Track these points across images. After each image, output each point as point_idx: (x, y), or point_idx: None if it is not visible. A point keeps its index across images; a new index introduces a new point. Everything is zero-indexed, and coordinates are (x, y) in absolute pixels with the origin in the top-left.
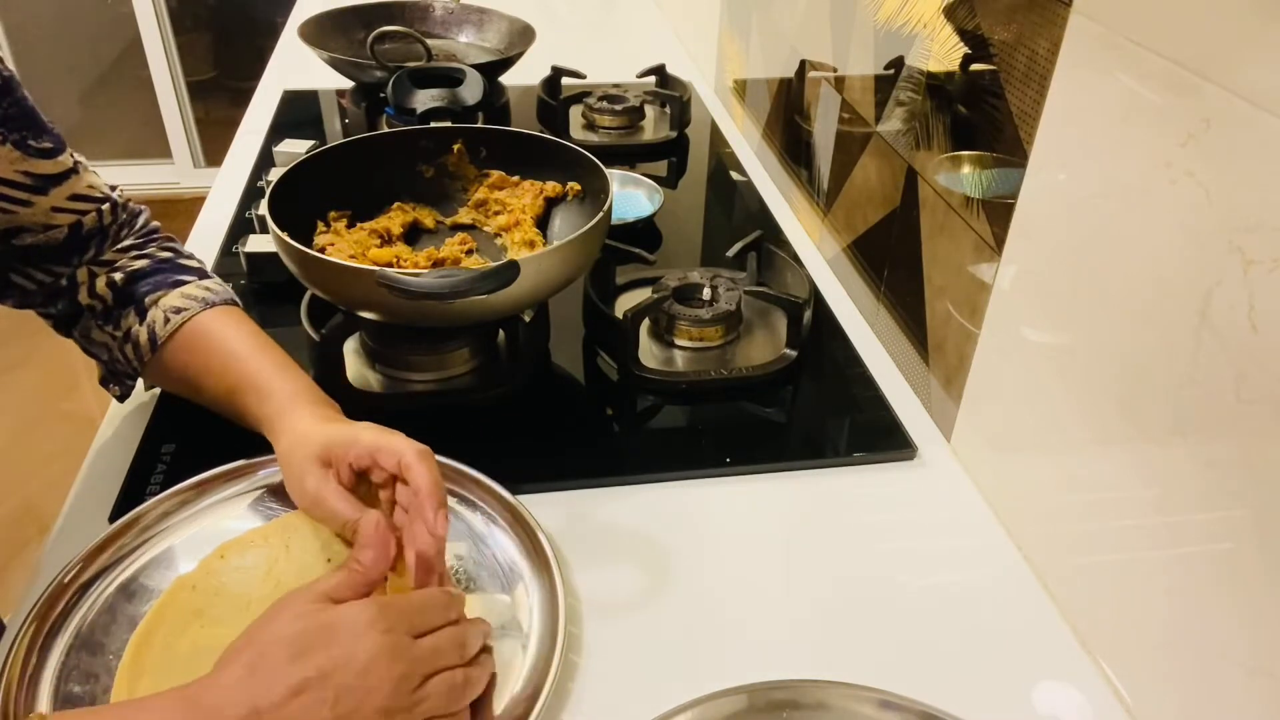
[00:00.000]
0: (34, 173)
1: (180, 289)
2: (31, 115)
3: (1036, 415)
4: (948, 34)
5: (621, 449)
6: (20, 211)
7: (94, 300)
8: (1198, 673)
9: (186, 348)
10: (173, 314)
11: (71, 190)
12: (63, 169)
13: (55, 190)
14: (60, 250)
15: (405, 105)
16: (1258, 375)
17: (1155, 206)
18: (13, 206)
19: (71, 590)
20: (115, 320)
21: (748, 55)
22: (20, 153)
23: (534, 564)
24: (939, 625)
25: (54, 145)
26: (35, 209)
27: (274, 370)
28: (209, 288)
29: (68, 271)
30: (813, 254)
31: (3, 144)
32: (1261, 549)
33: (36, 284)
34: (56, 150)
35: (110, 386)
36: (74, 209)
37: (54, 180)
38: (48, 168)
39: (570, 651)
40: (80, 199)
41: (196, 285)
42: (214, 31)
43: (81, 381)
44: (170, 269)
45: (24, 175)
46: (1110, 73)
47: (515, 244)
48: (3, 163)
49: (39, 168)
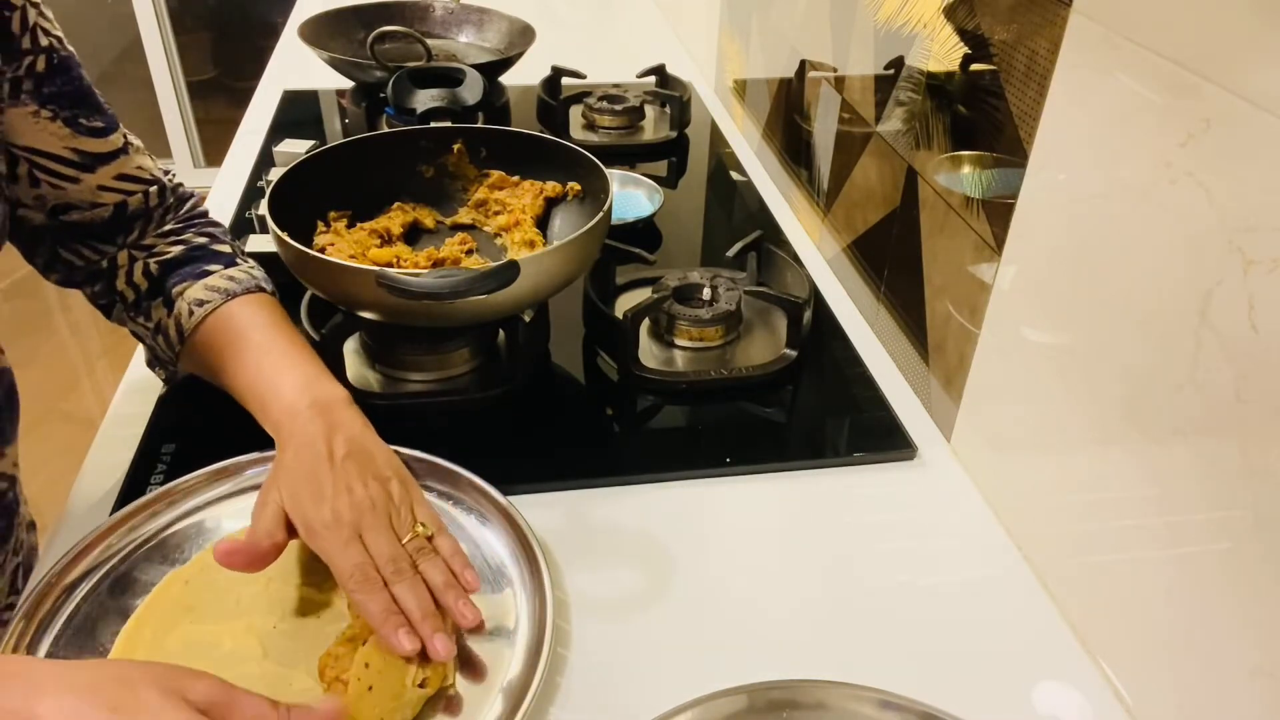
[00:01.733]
0: (83, 150)
1: (205, 280)
2: (87, 94)
3: (1036, 415)
4: (948, 34)
5: (621, 449)
6: (68, 188)
7: (129, 288)
8: (1198, 673)
9: (207, 342)
10: (196, 307)
11: (120, 170)
12: (112, 148)
13: (103, 169)
14: (105, 229)
15: (405, 105)
16: (1258, 375)
17: (1155, 206)
18: (62, 183)
19: (60, 586)
20: (146, 311)
21: (748, 55)
22: (71, 130)
23: (525, 565)
24: (939, 625)
25: (105, 125)
26: (82, 186)
27: (275, 374)
28: (233, 277)
29: (111, 252)
30: (813, 254)
31: (54, 120)
32: (1261, 549)
33: (84, 260)
34: (108, 130)
35: (156, 370)
36: (120, 189)
37: (102, 159)
38: (97, 146)
39: (566, 650)
40: (128, 179)
41: (220, 275)
42: (214, 31)
43: (81, 381)
44: (201, 257)
45: (73, 152)
46: (1110, 73)
47: (515, 244)
48: (53, 139)
49: (88, 145)
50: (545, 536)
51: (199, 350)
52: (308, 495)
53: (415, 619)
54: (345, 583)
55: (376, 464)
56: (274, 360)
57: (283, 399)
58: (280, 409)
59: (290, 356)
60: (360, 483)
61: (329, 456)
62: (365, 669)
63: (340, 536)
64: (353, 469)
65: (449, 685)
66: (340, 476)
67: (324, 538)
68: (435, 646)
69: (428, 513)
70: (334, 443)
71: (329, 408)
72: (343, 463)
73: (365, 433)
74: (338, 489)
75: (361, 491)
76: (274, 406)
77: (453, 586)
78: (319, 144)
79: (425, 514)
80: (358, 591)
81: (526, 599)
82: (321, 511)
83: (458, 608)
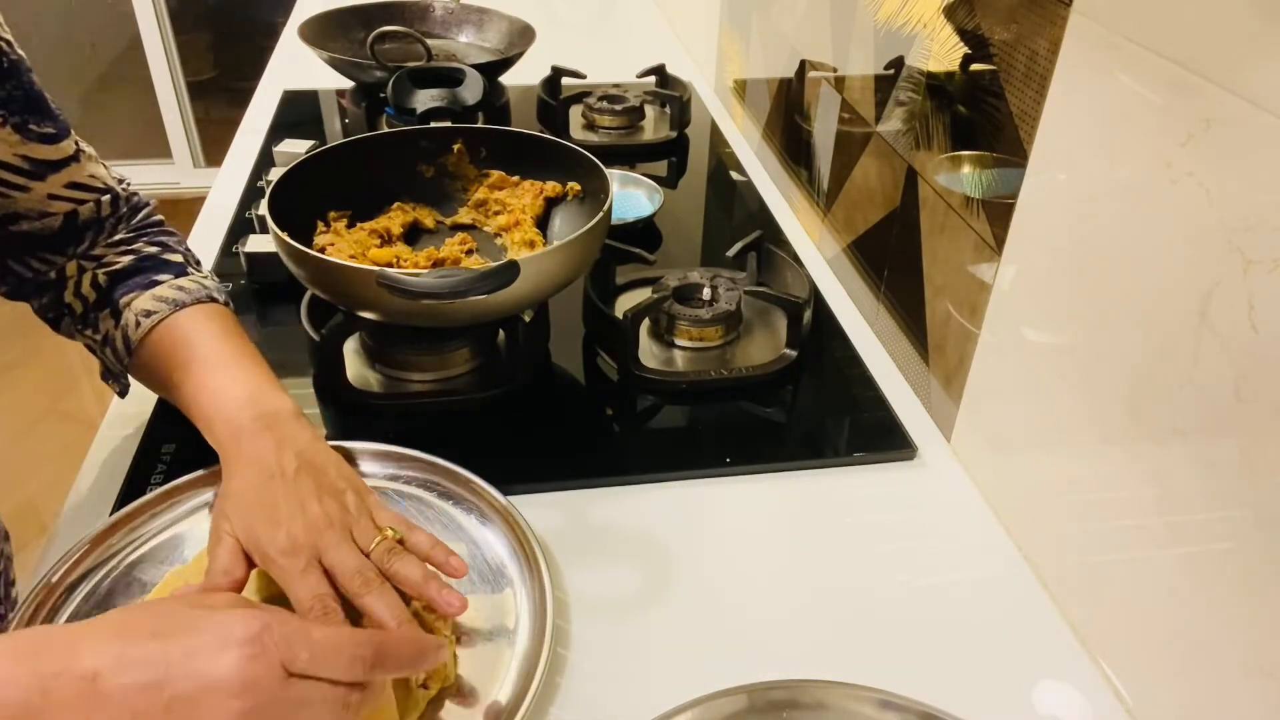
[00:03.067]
0: (33, 157)
1: (153, 290)
2: (38, 100)
3: (1036, 415)
4: (948, 34)
5: (621, 449)
6: (17, 196)
7: (76, 300)
8: (1198, 673)
9: (154, 355)
10: (143, 318)
11: (71, 178)
12: (63, 155)
13: (53, 177)
14: (55, 240)
15: (405, 105)
16: (1258, 375)
17: (1155, 206)
18: (10, 191)
19: (60, 586)
20: (94, 323)
21: (748, 55)
22: (20, 136)
23: (524, 565)
24: (939, 625)
25: (56, 131)
26: (32, 195)
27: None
28: (182, 287)
29: (60, 263)
30: (813, 254)
31: (3, 126)
32: (1261, 549)
33: (32, 272)
34: (59, 136)
35: (109, 382)
36: (71, 197)
37: (53, 166)
38: (47, 153)
39: (566, 650)
40: (79, 187)
41: (169, 286)
42: (214, 31)
43: (81, 382)
44: (151, 267)
45: (22, 159)
46: (1110, 73)
47: (515, 244)
48: (2, 145)
49: (38, 152)
50: (545, 536)
51: (146, 363)
52: (260, 522)
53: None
54: (305, 615)
55: (329, 477)
56: (218, 374)
57: (226, 415)
58: (224, 426)
59: (235, 369)
60: (315, 499)
61: (279, 474)
62: None
63: (298, 565)
64: (306, 485)
65: (450, 685)
66: (292, 495)
67: (281, 566)
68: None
69: (390, 517)
70: (283, 459)
71: (275, 421)
72: (294, 480)
73: (314, 444)
74: (291, 510)
75: (317, 509)
76: (218, 423)
77: (432, 578)
78: (319, 144)
79: (387, 518)
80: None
81: (526, 599)
82: (276, 538)
83: (441, 598)
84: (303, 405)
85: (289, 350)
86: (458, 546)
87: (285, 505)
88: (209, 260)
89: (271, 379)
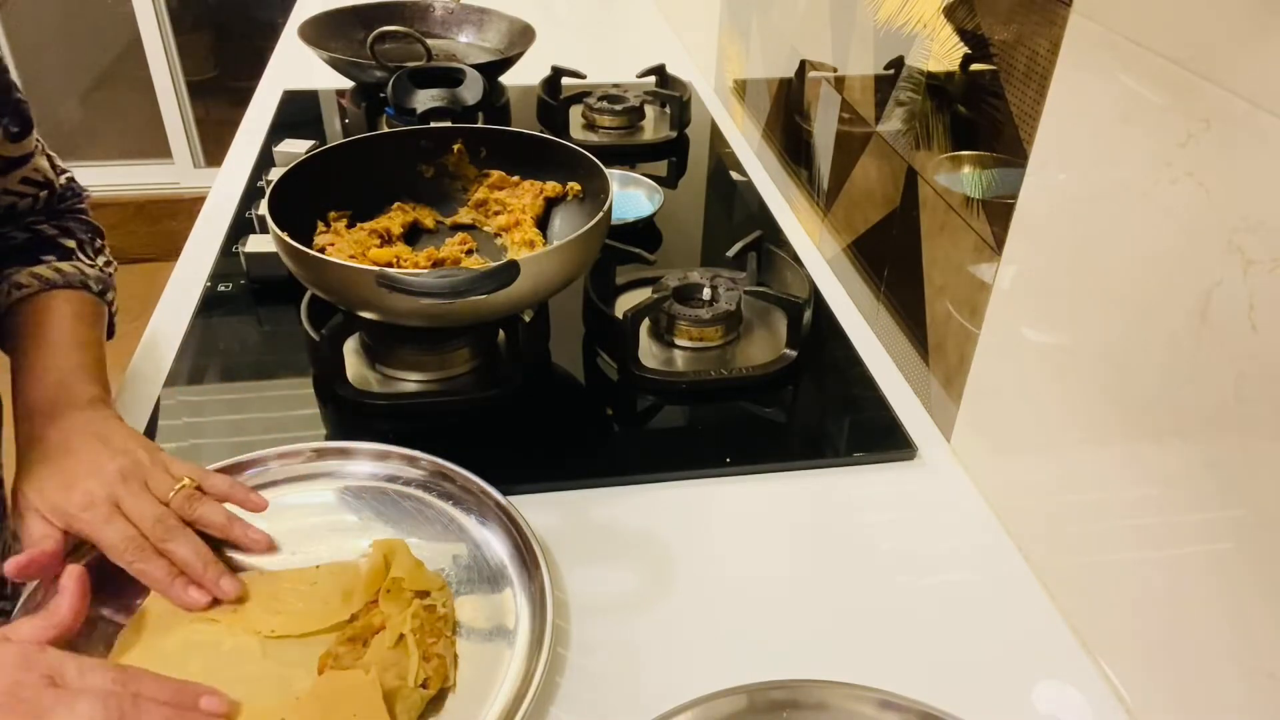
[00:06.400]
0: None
1: (33, 267)
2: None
3: (1036, 415)
4: (948, 34)
5: (621, 449)
6: None
7: None
8: (1198, 673)
9: (13, 328)
10: (15, 290)
11: (25, 174)
12: (24, 153)
13: (14, 173)
14: None
15: (405, 105)
16: (1258, 375)
17: (1155, 206)
18: None
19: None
20: None
21: (748, 55)
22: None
23: (525, 565)
24: (939, 625)
25: (21, 129)
26: None
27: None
28: (59, 269)
29: None
30: (813, 254)
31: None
32: (1261, 549)
33: None
34: (23, 134)
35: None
36: (20, 191)
37: (15, 163)
38: (13, 150)
39: (566, 650)
40: (29, 183)
41: (49, 266)
42: (214, 31)
43: None
44: (40, 247)
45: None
46: (1110, 73)
47: (515, 244)
48: None
49: (7, 150)
50: (545, 536)
51: (7, 334)
52: (54, 486)
53: (196, 571)
54: (120, 557)
55: (115, 441)
56: (42, 357)
57: (27, 399)
58: (21, 410)
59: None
60: (107, 459)
61: (64, 446)
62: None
63: (99, 515)
64: (94, 449)
65: (450, 685)
66: (83, 461)
67: (83, 520)
68: (224, 590)
69: (185, 468)
70: (69, 435)
71: (69, 408)
72: (83, 449)
73: (105, 422)
74: (84, 472)
75: (110, 465)
76: (18, 407)
77: (236, 520)
78: (319, 144)
79: (182, 469)
80: (135, 561)
81: (526, 599)
82: (73, 496)
83: (247, 537)
84: (303, 405)
85: (289, 350)
86: (458, 546)
87: (78, 469)
88: (208, 260)
89: (90, 367)
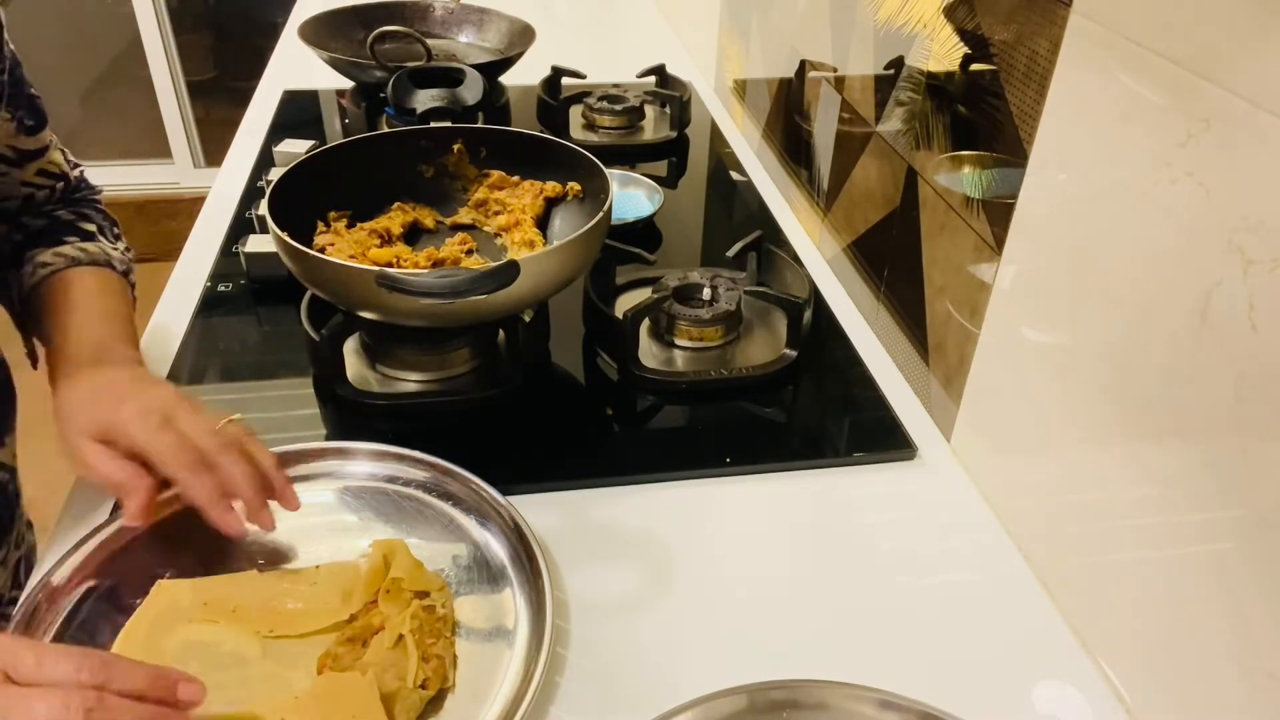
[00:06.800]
0: (19, 147)
1: (57, 247)
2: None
3: (1036, 415)
4: (948, 34)
5: (621, 449)
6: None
7: None
8: (1197, 673)
9: (41, 303)
10: (40, 268)
11: (41, 165)
12: (40, 145)
13: (30, 165)
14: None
15: (405, 105)
16: (1258, 375)
17: (1155, 206)
18: None
19: (60, 586)
20: (3, 279)
21: (748, 55)
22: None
23: (524, 565)
24: (939, 625)
25: (36, 122)
26: (9, 180)
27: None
28: (84, 249)
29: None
30: (813, 254)
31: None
32: (1261, 549)
33: None
34: (38, 127)
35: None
36: (37, 183)
37: (31, 156)
38: (30, 143)
39: (566, 650)
40: (45, 175)
41: (73, 245)
42: (214, 31)
43: None
44: (62, 229)
45: (10, 149)
46: (1110, 73)
47: (515, 244)
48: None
49: (24, 143)
50: (545, 536)
51: (35, 312)
52: (104, 407)
53: (247, 493)
54: (169, 464)
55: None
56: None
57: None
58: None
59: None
60: (154, 386)
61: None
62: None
63: (151, 423)
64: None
65: (449, 686)
66: (132, 387)
67: (136, 425)
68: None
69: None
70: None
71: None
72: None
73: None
74: (134, 391)
75: (161, 390)
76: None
77: (281, 469)
78: (319, 144)
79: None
80: (183, 470)
81: (526, 599)
82: (125, 408)
83: (287, 492)
84: (303, 405)
85: (289, 350)
86: (458, 547)
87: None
88: (209, 260)
89: (128, 339)
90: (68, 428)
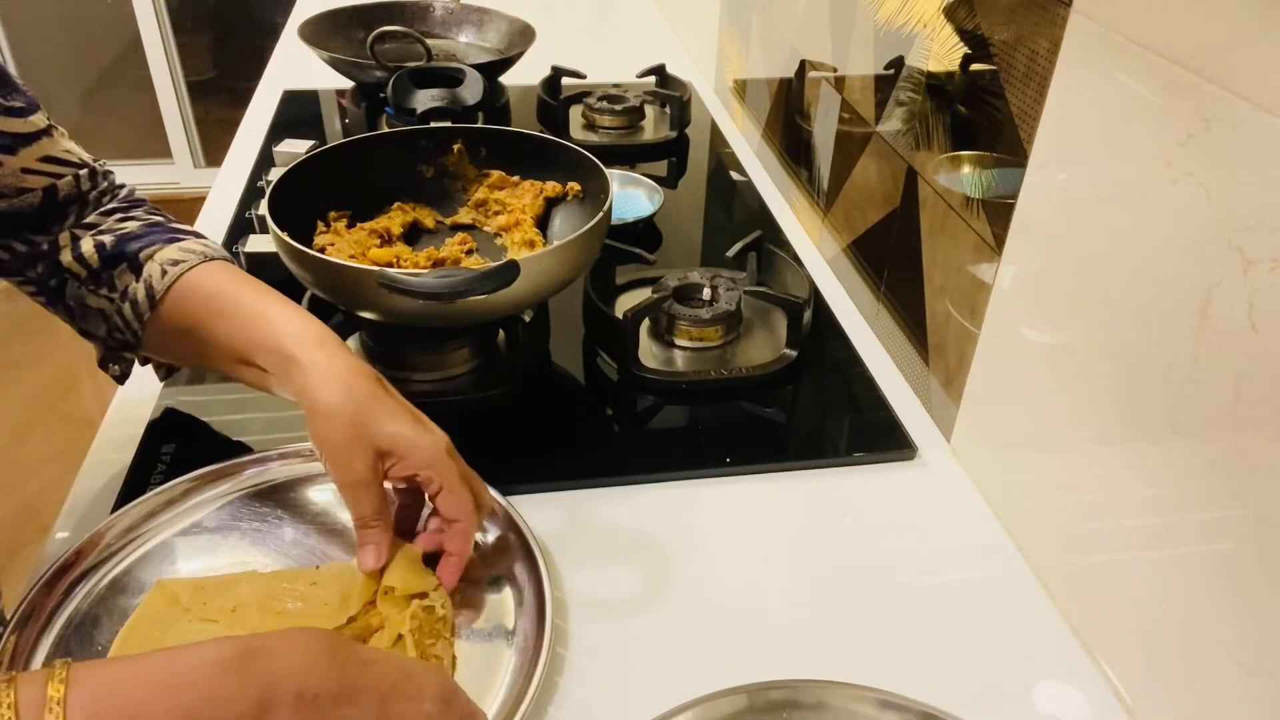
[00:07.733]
0: (6, 130)
1: (179, 243)
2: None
3: (1036, 415)
4: (948, 34)
5: (621, 449)
6: None
7: (76, 263)
8: (1198, 673)
9: (181, 303)
10: (170, 266)
11: (45, 152)
12: (33, 129)
13: (25, 150)
14: (38, 217)
15: (405, 105)
16: (1258, 375)
17: (1155, 206)
18: None
19: (60, 586)
20: (108, 282)
21: (748, 55)
22: None
23: (525, 565)
24: (939, 625)
25: (25, 105)
26: (4, 169)
27: (275, 318)
28: (206, 244)
29: (47, 240)
30: (813, 254)
31: None
32: (1261, 549)
33: (14, 255)
34: (28, 110)
35: (110, 367)
36: (48, 171)
37: (23, 140)
38: (17, 127)
39: (566, 650)
40: (55, 161)
41: (193, 240)
42: (214, 31)
43: (82, 381)
44: (162, 230)
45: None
46: (1110, 73)
47: (515, 244)
48: None
49: (7, 126)
50: (545, 536)
51: (171, 313)
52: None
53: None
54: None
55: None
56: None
57: (291, 332)
58: (291, 341)
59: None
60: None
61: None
62: None
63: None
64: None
65: None
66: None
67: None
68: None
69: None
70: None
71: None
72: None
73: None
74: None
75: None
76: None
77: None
78: (319, 144)
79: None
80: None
81: (526, 599)
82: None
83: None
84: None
85: None
86: None
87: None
88: None
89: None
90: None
